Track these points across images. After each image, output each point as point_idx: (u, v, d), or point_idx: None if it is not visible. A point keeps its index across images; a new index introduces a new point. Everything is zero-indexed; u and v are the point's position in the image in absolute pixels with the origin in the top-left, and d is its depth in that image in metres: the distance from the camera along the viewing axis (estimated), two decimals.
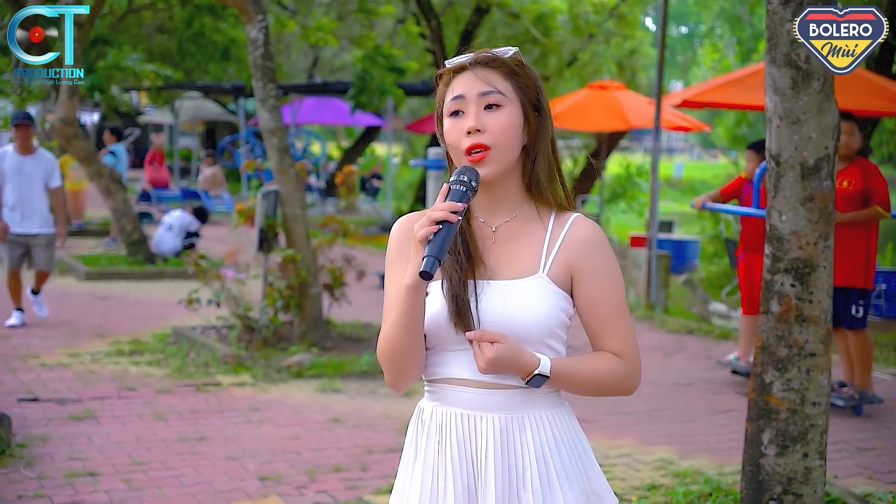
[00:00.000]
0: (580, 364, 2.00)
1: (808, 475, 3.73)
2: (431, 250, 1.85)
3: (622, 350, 2.02)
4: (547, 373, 1.94)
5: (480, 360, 1.91)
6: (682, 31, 45.80)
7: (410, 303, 1.93)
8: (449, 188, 1.93)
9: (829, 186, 3.66)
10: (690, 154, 54.76)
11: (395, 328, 1.97)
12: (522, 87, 2.02)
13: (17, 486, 4.62)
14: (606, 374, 2.01)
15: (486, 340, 1.91)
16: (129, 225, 11.96)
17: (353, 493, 4.71)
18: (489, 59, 2.02)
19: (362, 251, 12.74)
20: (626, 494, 4.76)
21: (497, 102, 1.99)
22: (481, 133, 1.97)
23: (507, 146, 1.99)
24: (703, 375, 7.44)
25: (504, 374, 1.96)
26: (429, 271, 1.84)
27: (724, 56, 29.76)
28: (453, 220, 1.88)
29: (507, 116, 1.99)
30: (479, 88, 1.99)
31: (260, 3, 7.69)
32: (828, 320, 3.72)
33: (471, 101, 1.99)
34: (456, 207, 1.89)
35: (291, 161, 7.78)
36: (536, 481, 1.96)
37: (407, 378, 2.03)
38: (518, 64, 2.04)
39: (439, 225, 1.88)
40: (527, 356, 1.93)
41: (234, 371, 6.97)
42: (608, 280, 2.02)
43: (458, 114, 2.00)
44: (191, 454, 5.22)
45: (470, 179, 1.94)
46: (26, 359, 7.17)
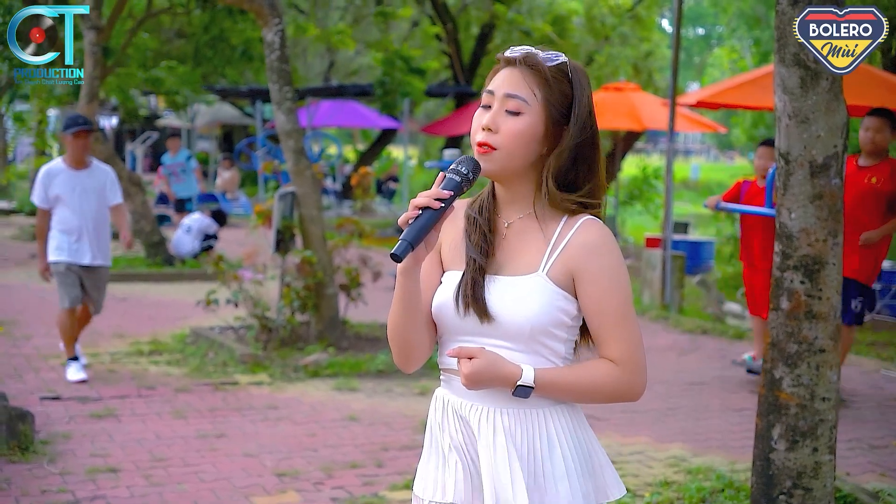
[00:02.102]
0: (568, 373, 2.00)
1: (817, 470, 3.78)
2: (406, 234, 1.90)
3: (620, 357, 2.00)
4: (531, 384, 1.96)
5: (461, 376, 1.95)
6: (699, 33, 45.73)
7: (402, 286, 2.01)
8: (444, 176, 1.98)
9: (837, 184, 3.70)
10: (707, 156, 54.63)
11: (395, 310, 2.05)
12: (551, 99, 2.03)
13: (40, 481, 4.72)
14: (598, 382, 2.00)
15: (464, 356, 1.95)
16: (148, 227, 12.09)
17: (370, 489, 4.78)
18: (534, 62, 2.04)
19: (378, 252, 12.80)
20: (639, 490, 4.81)
21: (517, 109, 2.01)
22: (493, 133, 2.01)
23: (513, 152, 2.01)
24: (718, 375, 7.48)
25: (490, 388, 1.98)
26: (398, 254, 1.90)
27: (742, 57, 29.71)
28: (435, 207, 1.93)
29: (522, 125, 2.01)
30: (507, 90, 2.03)
31: (276, 7, 7.78)
32: (837, 316, 3.77)
33: (497, 98, 2.04)
34: (441, 195, 1.93)
35: (308, 163, 7.86)
36: (526, 476, 2.00)
37: (410, 358, 2.09)
38: (556, 75, 2.04)
39: (420, 211, 1.92)
40: (507, 368, 1.95)
41: (252, 370, 7.06)
42: (610, 285, 2.00)
43: (487, 108, 2.06)
44: (210, 451, 5.30)
45: (467, 171, 1.99)
46: (48, 358, 7.28)
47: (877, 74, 9.07)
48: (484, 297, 2.01)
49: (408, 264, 1.96)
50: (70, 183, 6.72)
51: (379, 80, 15.03)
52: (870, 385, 7.26)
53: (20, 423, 5.15)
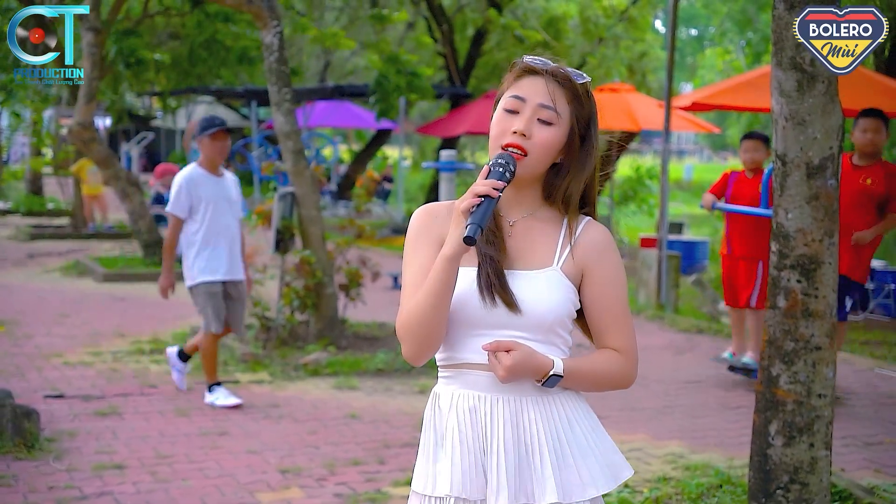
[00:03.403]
0: (586, 363, 2.15)
1: (813, 465, 3.85)
2: (474, 218, 2.00)
3: (624, 347, 2.17)
4: (561, 372, 2.08)
5: (499, 369, 2.04)
6: (692, 34, 45.87)
7: (447, 274, 2.04)
8: (489, 168, 2.07)
9: (833, 185, 3.78)
10: (701, 156, 54.79)
11: (427, 299, 2.05)
12: (577, 116, 2.16)
13: (47, 477, 4.78)
14: (608, 370, 2.16)
15: (502, 350, 2.04)
16: (146, 227, 12.14)
17: (372, 485, 4.84)
18: (563, 77, 2.14)
19: (374, 253, 12.86)
20: (638, 486, 4.88)
21: (550, 120, 2.12)
22: (526, 138, 2.11)
23: (541, 160, 2.14)
24: (713, 373, 7.56)
25: (521, 379, 2.07)
26: (472, 236, 1.98)
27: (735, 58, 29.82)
28: (494, 196, 2.03)
29: (554, 136, 2.12)
30: (541, 100, 2.12)
31: (275, 9, 7.85)
32: (833, 315, 3.84)
33: (529, 106, 2.12)
34: (497, 185, 2.04)
35: (307, 163, 7.92)
36: (553, 457, 2.09)
37: (429, 350, 2.12)
38: (583, 94, 2.17)
39: (481, 199, 2.02)
40: (541, 359, 2.07)
41: (252, 369, 7.12)
42: (616, 282, 2.18)
43: (513, 112, 2.13)
44: (213, 448, 5.36)
45: (508, 163, 2.09)
46: (49, 357, 7.34)
47: (869, 76, 9.16)
48: (509, 289, 2.10)
49: (461, 250, 2.03)
50: (212, 191, 6.12)
51: (376, 81, 15.04)
52: (864, 383, 7.35)
53: (26, 421, 5.21)
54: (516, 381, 2.08)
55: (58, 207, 19.01)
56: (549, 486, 2.07)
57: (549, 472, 2.08)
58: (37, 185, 20.33)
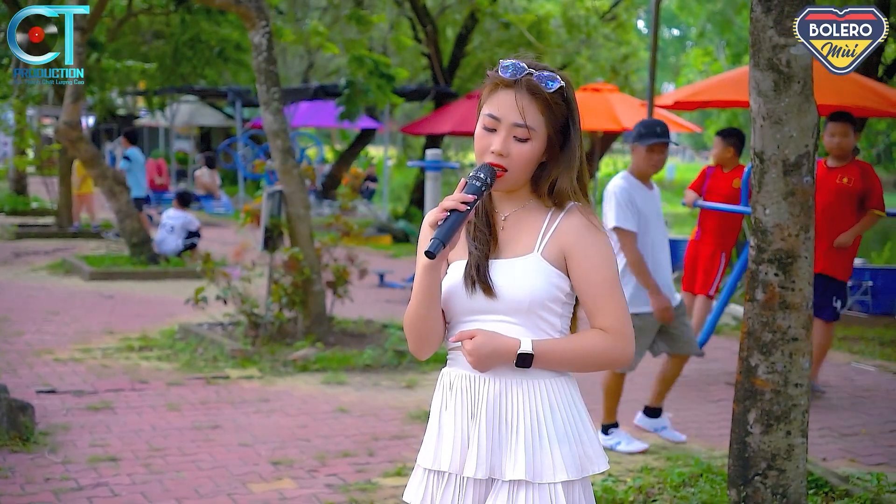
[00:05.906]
0: (564, 342, 2.23)
1: (790, 452, 3.99)
2: (438, 234, 2.13)
3: (611, 325, 2.22)
4: (529, 351, 2.18)
5: (466, 355, 2.20)
6: (674, 34, 46.12)
7: (426, 280, 2.22)
8: (465, 182, 2.20)
9: (809, 182, 3.91)
10: (682, 156, 55.08)
11: (414, 303, 2.26)
12: (552, 121, 2.24)
13: (43, 469, 4.87)
14: (591, 348, 2.22)
15: (465, 338, 2.20)
16: (134, 226, 12.17)
17: (363, 476, 4.96)
18: (534, 87, 2.20)
19: (360, 251, 12.96)
20: (622, 476, 5.01)
21: (526, 137, 2.22)
22: (504, 157, 2.22)
23: (523, 173, 2.26)
24: (695, 368, 7.70)
25: (496, 364, 2.20)
26: (432, 251, 2.12)
27: (716, 59, 30.04)
28: (462, 210, 2.15)
29: (530, 151, 2.23)
30: (514, 119, 2.21)
31: (263, 10, 7.94)
32: (809, 307, 3.98)
33: (504, 125, 2.22)
34: (467, 199, 2.16)
35: (295, 162, 8.02)
36: (529, 437, 2.21)
37: (427, 346, 2.31)
38: (556, 100, 2.22)
39: (449, 213, 2.15)
40: (505, 340, 2.19)
41: (242, 365, 7.21)
42: (598, 260, 2.23)
43: (490, 130, 2.24)
44: (205, 441, 5.46)
45: (486, 177, 2.20)
46: (40, 354, 7.41)
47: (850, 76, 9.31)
48: (488, 276, 2.24)
49: (435, 261, 2.17)
50: (650, 205, 5.38)
51: (348, 80, 14.94)
52: (841, 377, 7.52)
53: (21, 415, 5.30)
54: (493, 365, 2.20)
55: (42, 207, 19.00)
56: (519, 463, 2.19)
57: (521, 451, 2.20)
58: (21, 184, 20.31)
